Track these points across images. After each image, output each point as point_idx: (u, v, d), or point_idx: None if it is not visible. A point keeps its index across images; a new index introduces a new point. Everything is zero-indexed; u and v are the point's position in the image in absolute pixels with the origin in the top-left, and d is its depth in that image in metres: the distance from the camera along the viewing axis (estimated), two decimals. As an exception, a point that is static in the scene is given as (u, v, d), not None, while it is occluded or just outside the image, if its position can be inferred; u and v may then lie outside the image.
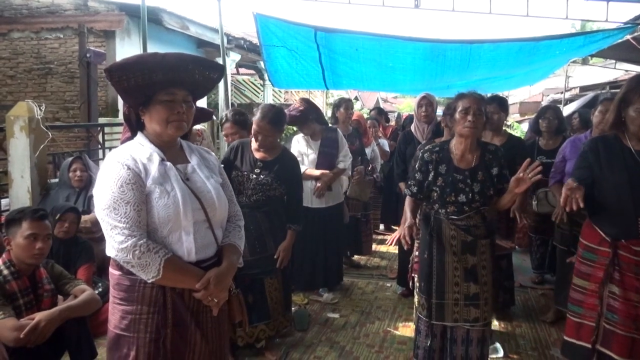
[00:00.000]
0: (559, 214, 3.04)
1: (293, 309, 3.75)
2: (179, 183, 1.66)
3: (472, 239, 2.54)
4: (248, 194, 2.96)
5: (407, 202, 2.68)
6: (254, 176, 2.96)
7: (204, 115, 2.18)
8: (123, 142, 1.76)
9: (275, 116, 2.97)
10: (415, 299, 2.72)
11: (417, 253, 3.23)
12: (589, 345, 2.31)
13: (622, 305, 2.22)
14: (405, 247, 2.48)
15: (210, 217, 1.72)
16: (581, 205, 2.09)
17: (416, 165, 2.64)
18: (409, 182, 2.67)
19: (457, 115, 2.50)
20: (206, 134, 3.58)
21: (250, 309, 2.99)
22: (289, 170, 3.06)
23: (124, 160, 1.60)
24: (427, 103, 4.04)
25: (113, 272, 1.68)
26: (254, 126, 2.97)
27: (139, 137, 1.71)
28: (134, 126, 1.72)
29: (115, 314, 1.67)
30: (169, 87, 1.62)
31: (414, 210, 2.65)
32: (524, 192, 2.50)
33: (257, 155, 3.02)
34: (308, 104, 4.16)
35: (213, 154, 1.97)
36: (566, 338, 2.44)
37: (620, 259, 2.23)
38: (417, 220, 2.69)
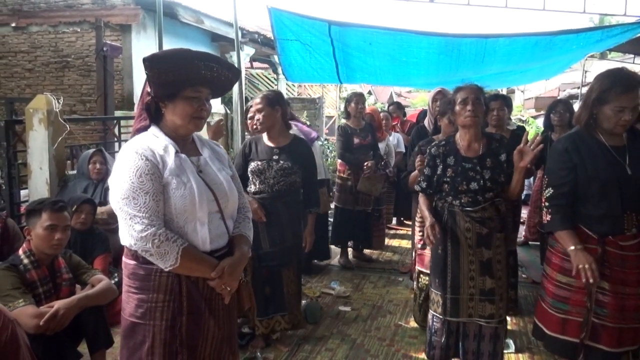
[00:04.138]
0: None
1: (305, 301, 3.79)
2: (194, 175, 1.70)
3: (487, 231, 2.53)
4: (270, 183, 2.99)
5: (422, 199, 2.70)
6: (274, 162, 3.00)
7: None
8: (138, 130, 1.77)
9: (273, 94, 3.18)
10: (431, 297, 2.69)
11: (419, 246, 3.27)
12: (577, 340, 2.30)
13: (611, 299, 2.24)
14: (430, 247, 2.52)
15: (222, 208, 1.77)
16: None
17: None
18: (418, 179, 2.71)
19: (457, 107, 2.55)
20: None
21: (267, 301, 3.03)
22: (304, 153, 3.13)
23: (142, 151, 1.63)
24: (443, 97, 4.02)
25: (128, 262, 1.72)
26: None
27: (153, 129, 1.73)
28: (152, 116, 1.75)
29: (130, 302, 1.71)
30: (196, 85, 1.67)
31: (430, 207, 2.65)
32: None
33: (271, 143, 3.07)
34: None
35: (222, 147, 2.00)
36: (550, 333, 2.42)
37: (608, 254, 2.24)
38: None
